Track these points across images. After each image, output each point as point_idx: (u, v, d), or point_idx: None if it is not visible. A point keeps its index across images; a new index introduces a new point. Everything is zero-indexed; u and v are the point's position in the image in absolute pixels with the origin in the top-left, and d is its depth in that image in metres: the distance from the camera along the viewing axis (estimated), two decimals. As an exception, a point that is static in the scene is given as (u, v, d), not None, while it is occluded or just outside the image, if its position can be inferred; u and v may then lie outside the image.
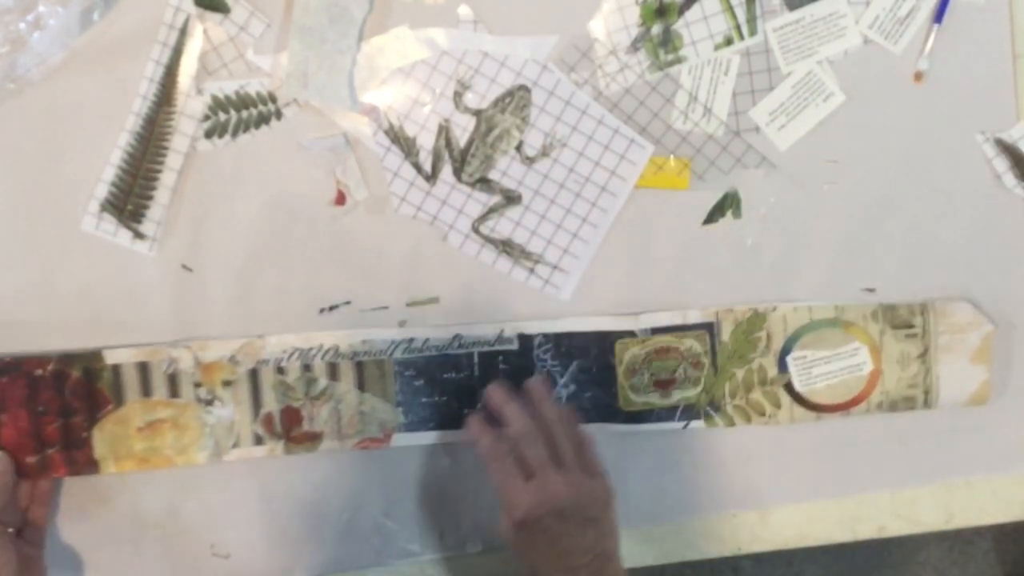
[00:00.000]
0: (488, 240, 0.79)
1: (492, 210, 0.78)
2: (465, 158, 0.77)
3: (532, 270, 0.79)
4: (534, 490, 0.70)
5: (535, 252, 0.79)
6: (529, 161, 0.78)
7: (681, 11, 0.77)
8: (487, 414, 0.76)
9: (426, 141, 0.78)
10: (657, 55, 0.77)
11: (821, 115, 0.78)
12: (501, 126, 0.77)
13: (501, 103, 0.77)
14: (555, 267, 0.79)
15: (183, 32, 0.76)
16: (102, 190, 0.77)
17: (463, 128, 0.77)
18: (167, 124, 0.77)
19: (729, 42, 0.77)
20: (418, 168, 0.78)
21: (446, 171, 0.78)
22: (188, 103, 0.77)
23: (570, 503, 0.70)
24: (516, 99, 0.77)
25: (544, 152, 0.78)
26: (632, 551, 0.82)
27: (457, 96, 0.77)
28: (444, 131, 0.77)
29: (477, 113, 0.77)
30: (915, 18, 0.77)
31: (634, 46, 0.77)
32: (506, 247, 0.79)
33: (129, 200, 0.77)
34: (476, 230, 0.79)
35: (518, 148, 0.78)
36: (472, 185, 0.78)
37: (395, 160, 0.78)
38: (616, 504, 0.73)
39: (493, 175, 0.78)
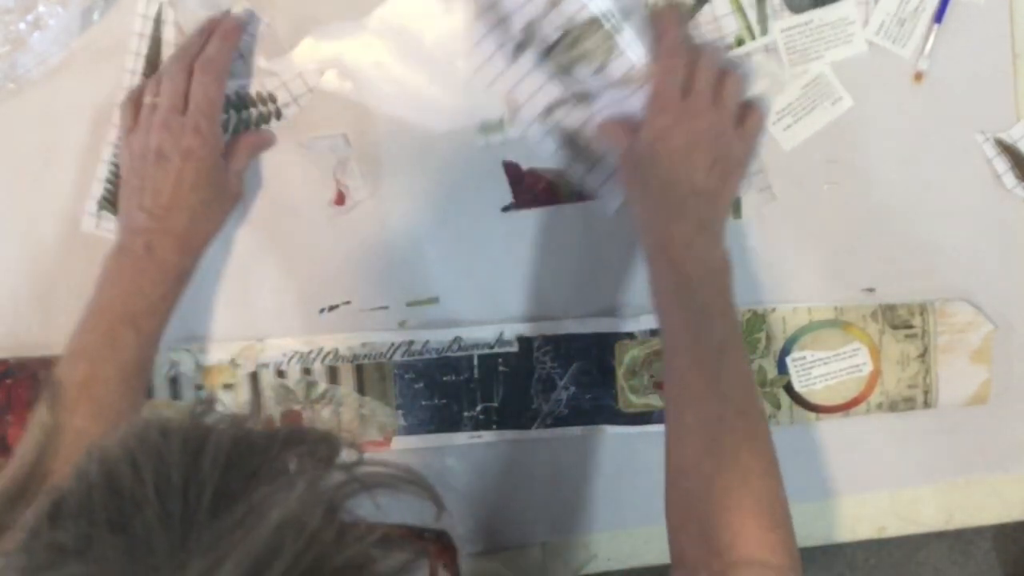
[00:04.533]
0: (554, 130, 0.77)
1: (566, 101, 0.76)
2: (554, 47, 0.74)
3: (589, 171, 0.78)
4: (687, 107, 0.69)
5: (596, 153, 0.78)
6: (608, 78, 0.75)
7: (692, 13, 0.76)
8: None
9: (522, 18, 0.74)
10: None
11: (828, 118, 0.78)
12: (591, 41, 0.74)
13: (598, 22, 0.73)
14: (611, 176, 0.78)
15: (157, 21, 0.76)
16: (98, 188, 0.77)
17: (557, 27, 0.74)
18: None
19: (741, 43, 0.77)
20: (507, 40, 0.75)
21: (532, 52, 0.75)
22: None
23: (714, 139, 0.69)
24: (612, 23, 0.73)
25: (625, 81, 0.74)
26: (632, 551, 0.82)
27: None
28: (540, 16, 0.74)
29: (573, 20, 0.73)
30: (920, 20, 0.77)
31: None
32: (570, 141, 0.77)
33: (127, 197, 0.77)
34: (545, 117, 0.77)
35: (602, 66, 0.74)
36: (554, 71, 0.75)
37: (485, 28, 0.75)
38: (745, 178, 0.73)
39: (576, 72, 0.75)
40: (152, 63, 0.76)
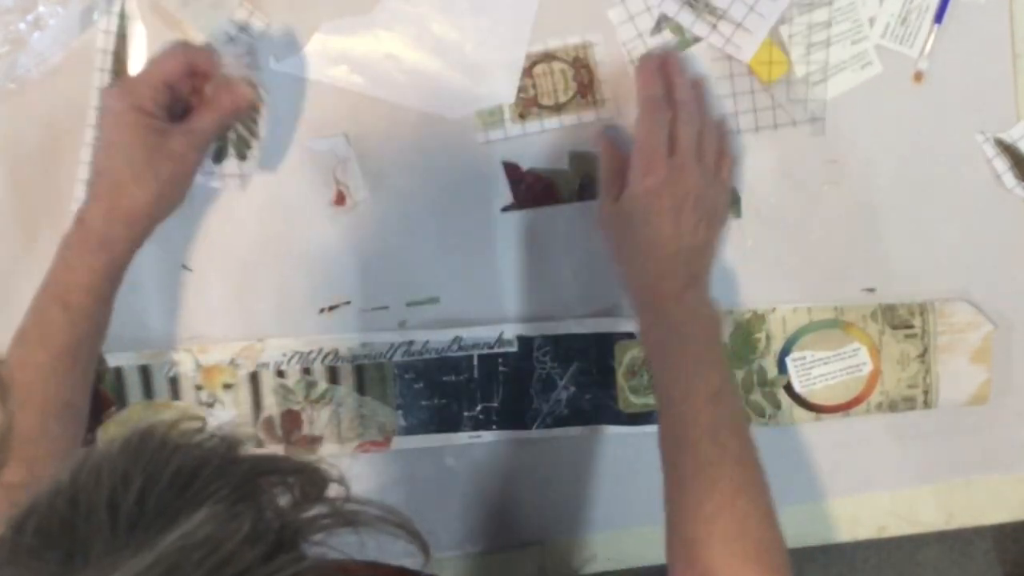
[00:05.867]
0: None
1: None
2: None
3: (715, 26, 0.75)
4: (673, 166, 0.69)
5: (720, 7, 0.75)
6: None
7: (682, 48, 0.76)
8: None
9: None
10: None
11: (858, 80, 0.77)
12: None
13: None
14: (739, 25, 0.75)
15: (122, 16, 0.75)
16: (80, 190, 0.76)
17: None
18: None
19: None
20: None
21: None
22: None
23: (699, 196, 0.69)
24: None
25: None
26: (632, 551, 0.82)
27: None
28: None
29: None
30: (924, 20, 0.77)
31: None
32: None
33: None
34: None
35: None
36: None
37: None
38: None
39: None
40: (120, 58, 0.76)
